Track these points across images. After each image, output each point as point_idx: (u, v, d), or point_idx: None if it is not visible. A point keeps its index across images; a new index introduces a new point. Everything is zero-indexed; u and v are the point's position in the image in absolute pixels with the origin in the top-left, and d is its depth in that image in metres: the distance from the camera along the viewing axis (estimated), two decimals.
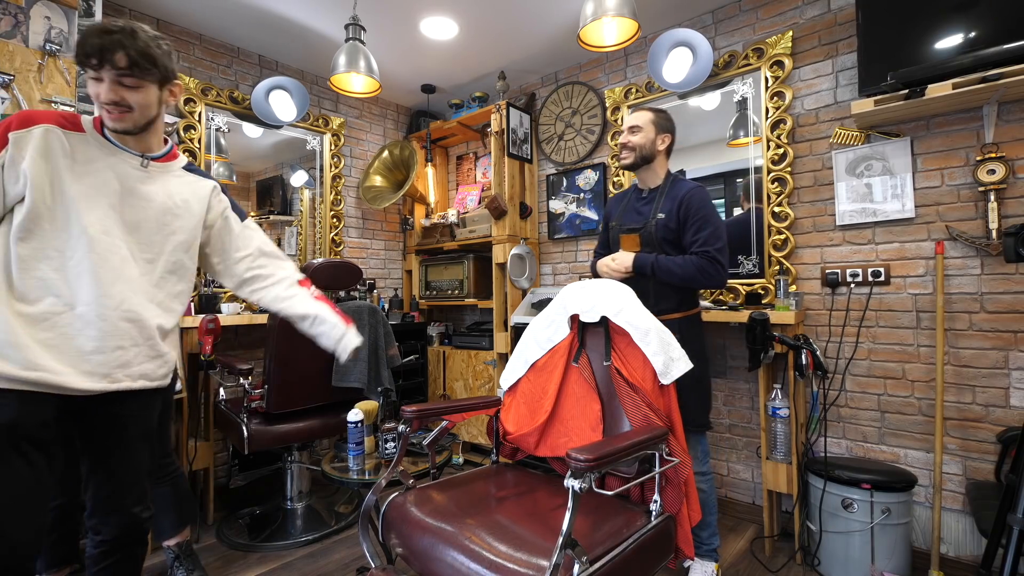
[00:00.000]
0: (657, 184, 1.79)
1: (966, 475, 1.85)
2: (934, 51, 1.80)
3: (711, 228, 1.64)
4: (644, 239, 1.74)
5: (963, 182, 1.86)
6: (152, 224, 1.19)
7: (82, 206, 1.09)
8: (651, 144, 1.75)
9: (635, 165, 1.78)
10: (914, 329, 1.95)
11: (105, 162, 1.13)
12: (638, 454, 1.13)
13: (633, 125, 1.77)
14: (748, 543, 2.12)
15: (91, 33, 1.05)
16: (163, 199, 1.21)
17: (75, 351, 1.08)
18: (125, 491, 1.22)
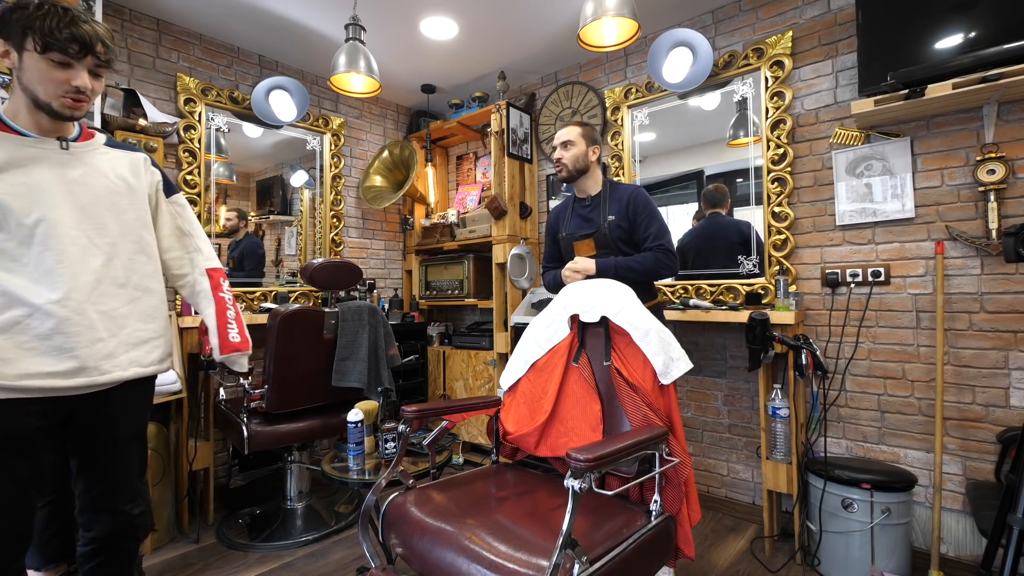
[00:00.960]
0: (597, 191, 1.89)
1: (966, 475, 1.85)
2: (934, 51, 1.80)
3: (658, 223, 1.78)
4: (599, 242, 1.82)
5: (963, 182, 1.86)
6: (101, 207, 1.13)
7: (23, 206, 1.03)
8: (584, 156, 1.85)
9: (572, 177, 1.87)
10: (914, 329, 1.95)
11: (30, 155, 1.06)
12: (638, 454, 1.13)
13: (565, 140, 1.86)
14: (748, 543, 2.12)
15: (72, 18, 1.01)
16: (100, 179, 1.15)
17: (54, 350, 1.04)
18: (116, 490, 1.20)
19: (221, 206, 2.73)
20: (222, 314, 1.35)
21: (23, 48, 1.01)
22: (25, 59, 1.01)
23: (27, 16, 0.99)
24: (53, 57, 1.01)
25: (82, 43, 1.02)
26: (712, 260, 2.43)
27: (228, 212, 2.73)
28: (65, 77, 1.03)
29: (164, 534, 2.15)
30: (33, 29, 0.99)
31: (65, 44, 1.00)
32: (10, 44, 1.02)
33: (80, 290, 1.07)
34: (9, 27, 1.01)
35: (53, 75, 1.02)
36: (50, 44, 0.99)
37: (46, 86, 1.02)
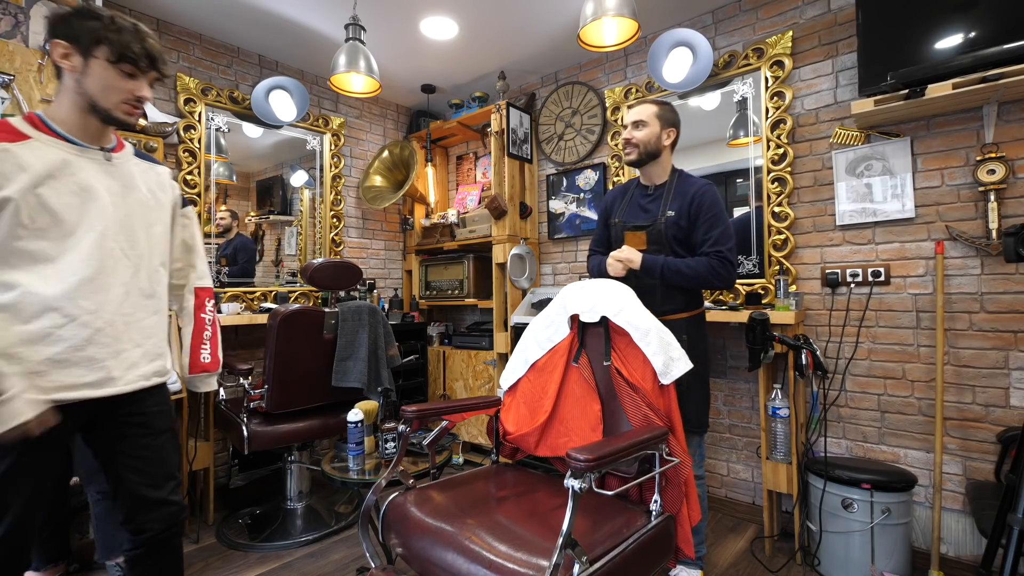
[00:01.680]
0: (663, 180, 1.72)
1: (966, 475, 1.85)
2: (934, 51, 1.80)
3: (722, 227, 1.60)
4: (652, 237, 1.67)
5: (963, 182, 1.86)
6: (135, 219, 1.16)
7: (72, 215, 1.05)
8: (656, 139, 1.67)
9: (640, 162, 1.70)
10: (914, 329, 1.95)
11: (77, 164, 1.08)
12: (638, 454, 1.13)
13: (637, 120, 1.68)
14: (748, 543, 2.12)
15: (144, 35, 1.08)
16: (136, 192, 1.18)
17: (86, 360, 1.06)
18: (162, 483, 1.23)
19: (220, 206, 2.73)
20: (198, 334, 1.37)
21: (91, 55, 1.04)
22: (93, 65, 1.05)
23: (102, 27, 1.04)
24: (124, 68, 1.06)
25: (151, 58, 1.09)
26: None
27: (222, 212, 2.73)
28: (131, 87, 1.09)
29: None
30: (109, 41, 1.04)
31: (138, 57, 1.07)
32: (75, 48, 1.04)
33: (112, 302, 1.10)
34: (78, 32, 1.03)
35: (120, 84, 1.07)
36: (125, 56, 1.05)
37: (110, 93, 1.07)
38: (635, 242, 1.70)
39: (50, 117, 1.08)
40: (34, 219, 1.01)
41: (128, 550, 1.22)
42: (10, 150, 0.99)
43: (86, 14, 1.04)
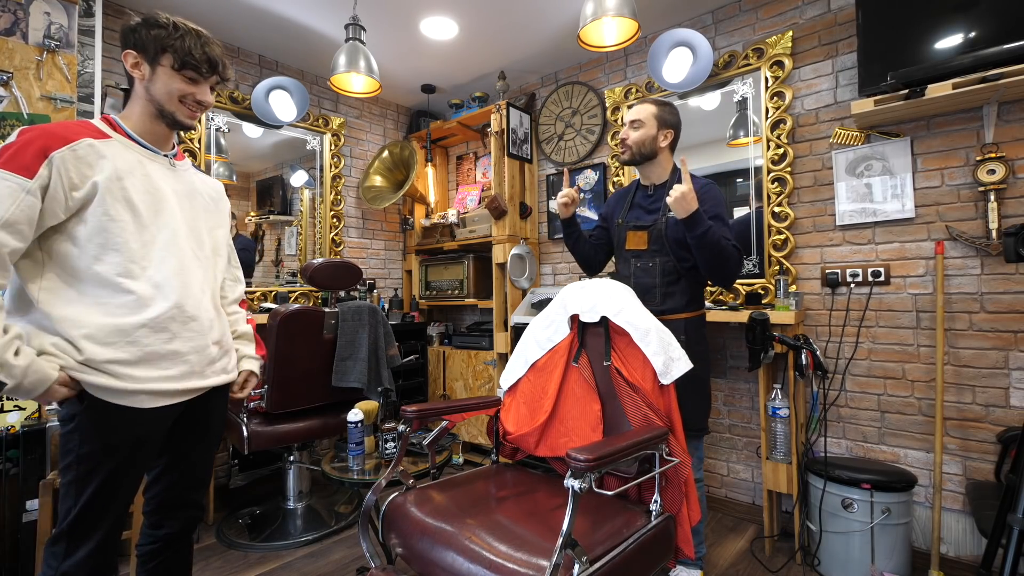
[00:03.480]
0: (664, 180, 1.70)
1: (966, 475, 1.85)
2: (934, 51, 1.80)
3: (724, 221, 1.58)
4: (652, 236, 1.66)
5: (963, 182, 1.86)
6: (200, 221, 1.21)
7: (150, 211, 1.09)
8: (652, 140, 1.65)
9: (633, 161, 1.70)
10: (914, 329, 1.95)
11: (149, 166, 1.12)
12: (638, 454, 1.13)
13: (634, 119, 1.67)
14: (748, 543, 2.12)
15: (204, 40, 1.12)
16: (198, 197, 1.23)
17: (173, 355, 1.09)
18: (198, 485, 1.26)
19: None
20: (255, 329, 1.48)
21: (157, 63, 1.09)
22: (159, 72, 1.10)
23: (166, 35, 1.08)
24: (187, 74, 1.11)
25: (212, 64, 1.14)
26: None
27: None
28: (192, 91, 1.13)
29: None
30: (173, 48, 1.08)
31: (199, 63, 1.11)
32: (143, 57, 1.09)
33: (192, 298, 1.13)
34: (146, 42, 1.08)
35: (183, 89, 1.12)
36: (187, 63, 1.09)
37: (174, 98, 1.11)
38: (636, 242, 1.70)
39: (124, 121, 1.13)
40: (118, 211, 1.04)
41: (144, 544, 1.22)
42: (95, 145, 1.04)
43: (152, 23, 1.08)
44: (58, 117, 1.87)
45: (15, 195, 0.92)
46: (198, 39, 1.11)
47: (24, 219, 0.94)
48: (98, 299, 1.01)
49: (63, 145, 0.99)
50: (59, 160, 0.97)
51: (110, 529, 1.06)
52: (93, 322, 1.00)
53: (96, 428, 1.01)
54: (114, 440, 1.03)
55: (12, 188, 0.92)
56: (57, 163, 0.97)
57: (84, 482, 1.02)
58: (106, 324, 1.01)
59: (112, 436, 1.03)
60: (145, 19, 1.09)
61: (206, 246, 1.22)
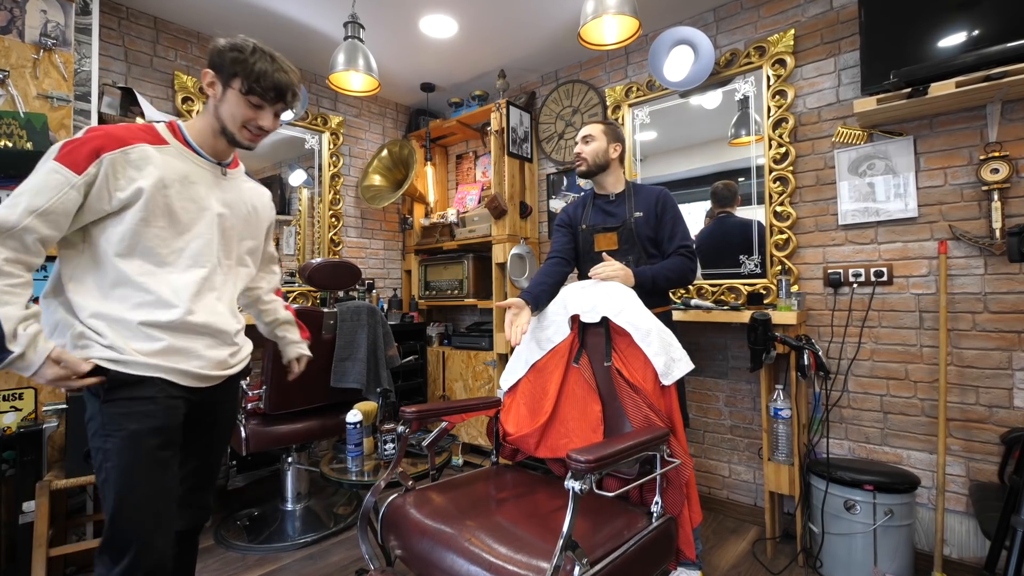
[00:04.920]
0: (621, 188, 1.86)
1: (969, 476, 1.85)
2: (937, 49, 1.80)
3: (683, 224, 1.78)
4: (623, 237, 1.79)
5: (966, 181, 1.86)
6: (235, 232, 1.25)
7: (189, 219, 1.14)
8: (604, 152, 1.81)
9: (590, 173, 1.84)
10: (917, 329, 1.95)
11: (198, 174, 1.17)
12: (639, 455, 1.13)
13: (586, 135, 1.84)
14: (750, 545, 2.12)
15: (277, 67, 1.14)
16: (241, 207, 1.27)
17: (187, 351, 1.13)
18: (205, 484, 1.29)
19: None
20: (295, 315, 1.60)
21: (228, 85, 1.13)
22: (228, 94, 1.14)
23: (242, 60, 1.11)
24: (252, 99, 1.14)
25: (279, 91, 1.16)
26: (720, 262, 2.41)
27: None
28: (254, 116, 1.16)
29: None
30: (245, 72, 1.11)
31: (266, 91, 1.14)
32: (219, 77, 1.14)
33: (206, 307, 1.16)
34: (223, 64, 1.12)
35: (246, 112, 1.15)
36: (253, 89, 1.13)
37: (236, 121, 1.16)
38: (606, 243, 1.82)
39: (188, 129, 1.19)
40: (156, 218, 1.08)
41: None
42: (147, 152, 1.08)
43: (232, 47, 1.12)
44: (55, 116, 1.87)
45: (60, 187, 0.99)
46: (272, 64, 1.14)
47: (62, 211, 1.00)
48: (118, 295, 1.07)
49: (117, 147, 1.04)
50: (108, 161, 1.03)
51: (153, 530, 1.04)
52: (110, 313, 1.05)
53: (117, 419, 1.04)
54: (135, 429, 1.04)
55: (59, 181, 0.99)
56: (106, 164, 1.03)
57: (116, 481, 1.03)
58: (122, 317, 1.06)
59: (132, 424, 1.04)
60: (231, 42, 1.13)
61: (233, 255, 1.26)
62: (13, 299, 0.96)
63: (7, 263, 0.96)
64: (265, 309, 1.53)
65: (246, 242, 1.30)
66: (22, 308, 0.97)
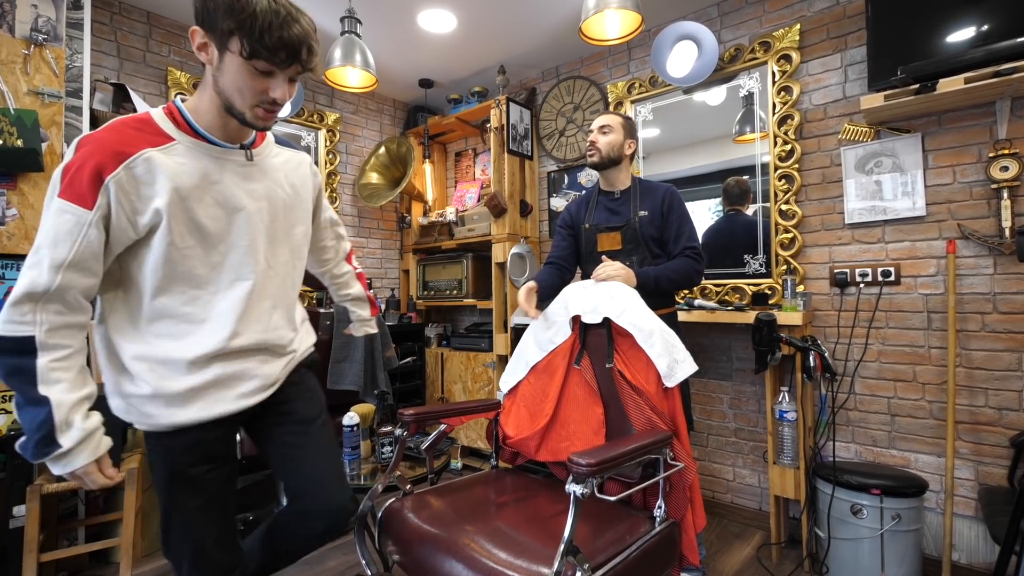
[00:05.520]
0: (627, 186, 1.85)
1: (978, 480, 1.85)
2: (946, 45, 1.80)
3: (690, 225, 1.76)
4: (627, 236, 1.77)
5: (975, 179, 1.86)
6: (278, 225, 1.09)
7: (220, 229, 0.99)
8: (619, 146, 1.79)
9: (602, 165, 1.81)
10: (925, 330, 1.95)
11: (219, 169, 0.99)
12: (642, 459, 1.13)
13: (604, 124, 1.80)
14: (755, 550, 2.12)
15: (284, 18, 0.89)
16: (278, 192, 1.09)
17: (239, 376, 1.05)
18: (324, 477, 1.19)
19: None
20: (365, 287, 1.52)
21: (226, 47, 0.88)
22: (227, 60, 0.90)
23: (238, 10, 0.85)
24: (257, 64, 0.90)
25: (291, 50, 0.91)
26: (725, 261, 2.41)
27: None
28: (264, 87, 0.92)
29: (154, 541, 2.15)
30: (242, 29, 0.86)
31: (274, 50, 0.89)
32: (211, 37, 0.89)
33: (259, 323, 1.06)
34: (214, 17, 0.87)
35: (253, 84, 0.91)
36: (257, 51, 0.88)
37: (244, 95, 0.92)
38: (609, 242, 1.80)
39: (191, 111, 0.98)
40: (183, 237, 0.95)
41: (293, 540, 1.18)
42: (152, 159, 0.91)
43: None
44: (46, 113, 1.87)
45: (77, 230, 0.86)
46: (276, 16, 0.88)
47: (89, 254, 0.88)
48: (157, 330, 0.97)
49: (118, 164, 0.88)
50: (115, 186, 0.88)
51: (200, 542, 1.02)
52: (151, 354, 0.97)
53: (163, 455, 1.01)
54: (168, 444, 1.00)
55: (72, 222, 0.86)
56: (114, 191, 0.88)
57: (159, 494, 1.03)
58: (165, 357, 0.97)
59: (166, 440, 1.00)
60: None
61: (282, 251, 1.11)
62: (64, 375, 0.85)
63: (51, 334, 0.85)
64: (338, 283, 1.43)
65: (296, 229, 1.14)
66: (75, 388, 0.86)
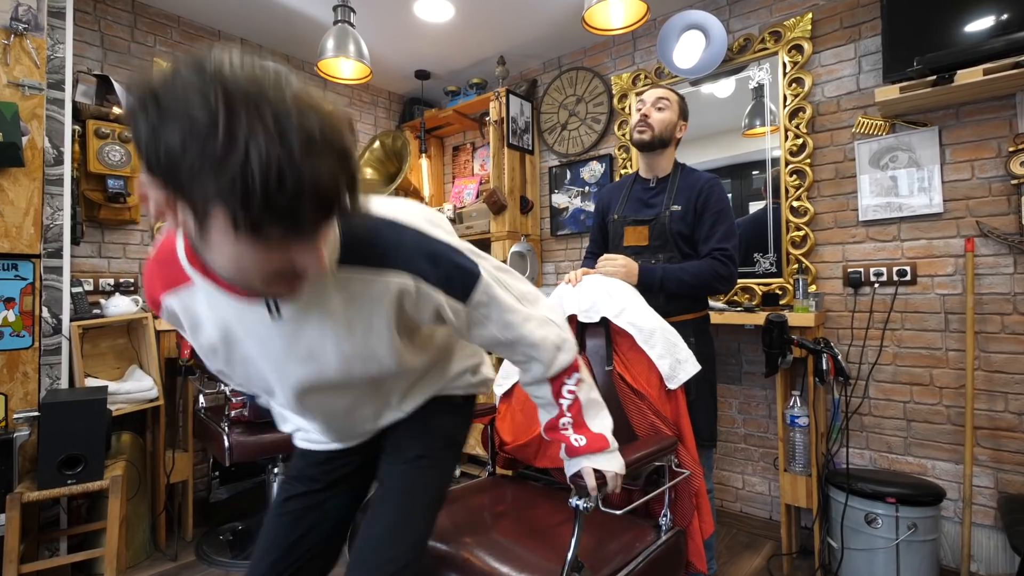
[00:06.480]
0: (666, 173, 1.74)
1: (998, 488, 1.84)
2: (964, 34, 1.80)
3: (727, 224, 1.63)
4: (655, 232, 1.68)
5: (994, 175, 1.86)
6: (351, 377, 0.86)
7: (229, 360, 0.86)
8: (672, 127, 1.69)
9: (650, 145, 1.69)
10: (942, 332, 1.95)
11: (241, 326, 0.79)
12: (646, 466, 1.13)
13: (662, 97, 1.68)
14: (765, 561, 2.12)
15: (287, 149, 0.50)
16: (327, 344, 0.80)
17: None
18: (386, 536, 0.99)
19: None
20: (554, 422, 1.05)
21: (206, 216, 0.54)
22: (212, 233, 0.55)
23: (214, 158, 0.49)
24: (265, 235, 0.55)
25: (318, 204, 0.55)
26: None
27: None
28: (280, 260, 0.59)
29: (140, 551, 2.15)
30: (222, 195, 0.50)
31: (280, 218, 0.53)
32: (177, 199, 0.54)
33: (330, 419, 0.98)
34: (176, 167, 0.51)
35: (261, 259, 0.58)
36: (260, 225, 0.53)
37: (249, 274, 0.61)
38: (636, 237, 1.70)
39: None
40: (204, 352, 0.86)
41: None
42: (172, 306, 0.80)
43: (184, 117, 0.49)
44: (26, 105, 1.87)
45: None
46: (280, 146, 0.50)
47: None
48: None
49: (157, 308, 0.83)
50: (167, 317, 0.84)
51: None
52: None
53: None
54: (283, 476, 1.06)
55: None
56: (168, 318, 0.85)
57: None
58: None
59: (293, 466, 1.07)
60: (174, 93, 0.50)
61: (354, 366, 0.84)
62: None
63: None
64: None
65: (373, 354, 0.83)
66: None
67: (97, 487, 1.78)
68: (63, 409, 1.73)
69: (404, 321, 0.84)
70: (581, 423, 1.02)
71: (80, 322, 2.03)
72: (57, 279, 1.96)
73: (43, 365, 1.90)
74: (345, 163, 0.57)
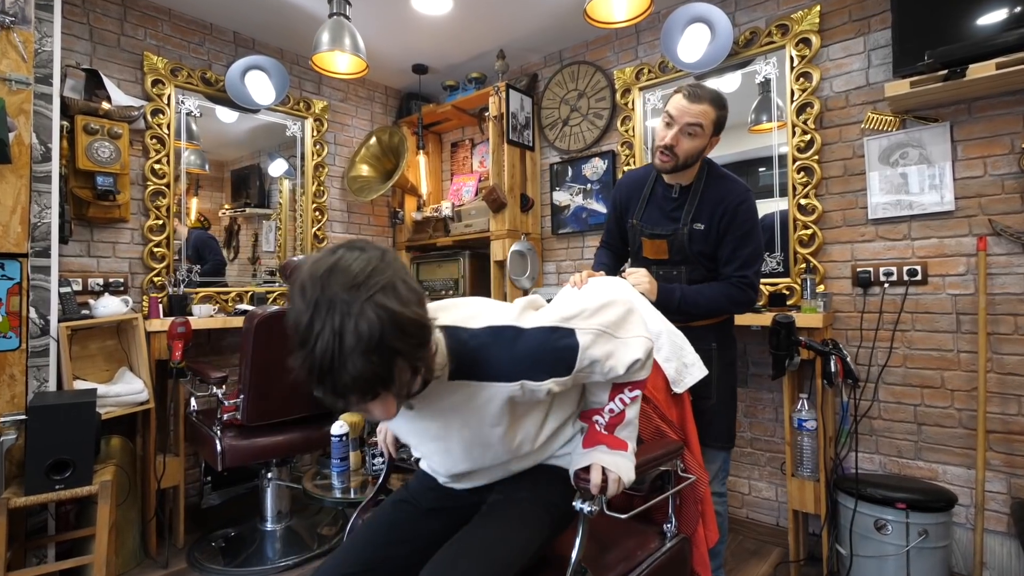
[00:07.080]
0: (689, 182, 1.62)
1: (1011, 493, 1.85)
2: (976, 27, 1.80)
3: (752, 246, 1.56)
4: (674, 247, 1.62)
5: (1008, 171, 1.86)
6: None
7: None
8: (700, 151, 1.55)
9: (674, 170, 1.58)
10: (954, 333, 1.95)
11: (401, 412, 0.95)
12: (652, 471, 1.13)
13: (694, 124, 1.49)
14: (772, 568, 2.12)
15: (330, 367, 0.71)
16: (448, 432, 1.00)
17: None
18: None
19: (192, 198, 2.73)
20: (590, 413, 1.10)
21: None
22: None
23: (299, 345, 0.72)
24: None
25: (342, 399, 0.76)
26: None
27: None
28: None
29: (130, 558, 2.15)
30: (305, 369, 0.73)
31: (329, 396, 0.75)
32: None
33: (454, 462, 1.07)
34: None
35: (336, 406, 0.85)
36: (324, 393, 0.75)
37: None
38: (654, 251, 1.67)
39: None
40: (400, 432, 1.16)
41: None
42: None
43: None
44: (13, 100, 1.87)
45: None
46: (336, 345, 0.70)
47: None
48: None
49: None
50: None
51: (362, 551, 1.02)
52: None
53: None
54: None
55: None
56: None
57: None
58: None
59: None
60: (295, 282, 0.76)
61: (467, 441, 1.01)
62: None
63: None
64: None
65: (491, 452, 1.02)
66: None
67: (86, 492, 1.78)
68: (51, 412, 1.72)
69: (516, 409, 0.98)
70: (612, 428, 1.07)
71: (68, 323, 2.03)
72: (45, 279, 1.96)
73: (30, 367, 1.89)
74: (389, 360, 0.72)
